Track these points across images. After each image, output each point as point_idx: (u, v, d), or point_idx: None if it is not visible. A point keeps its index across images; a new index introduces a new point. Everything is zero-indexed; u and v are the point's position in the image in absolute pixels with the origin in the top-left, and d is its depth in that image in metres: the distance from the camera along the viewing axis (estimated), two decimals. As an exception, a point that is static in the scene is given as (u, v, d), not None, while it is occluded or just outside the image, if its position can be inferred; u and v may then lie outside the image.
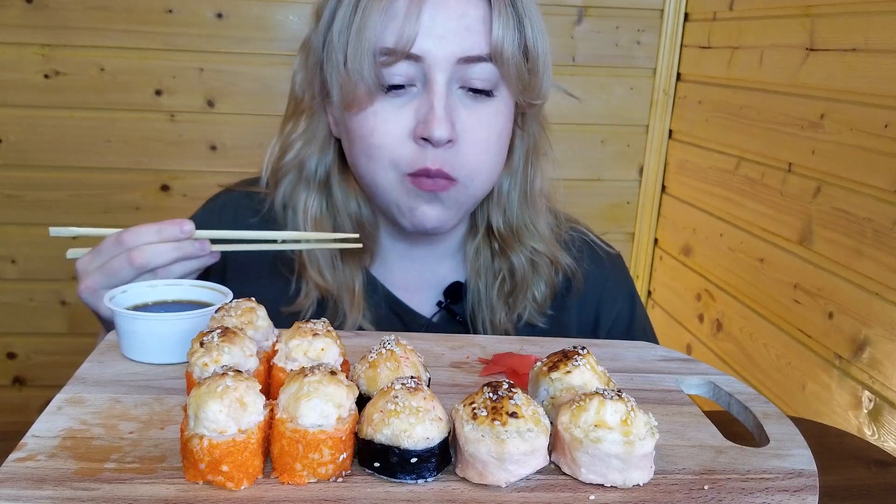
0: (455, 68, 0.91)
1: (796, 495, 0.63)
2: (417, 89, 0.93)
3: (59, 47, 1.99)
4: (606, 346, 0.94)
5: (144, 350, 0.80)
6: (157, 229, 0.90)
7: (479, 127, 0.94)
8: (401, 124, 0.93)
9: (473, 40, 0.91)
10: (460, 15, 0.90)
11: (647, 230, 2.37)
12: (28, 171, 2.06)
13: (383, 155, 0.94)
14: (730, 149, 1.93)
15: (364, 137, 0.94)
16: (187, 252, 0.91)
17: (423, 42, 0.89)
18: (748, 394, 0.82)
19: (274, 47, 2.05)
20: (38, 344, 2.19)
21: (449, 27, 0.90)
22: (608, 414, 0.62)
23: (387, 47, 0.90)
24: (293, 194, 1.04)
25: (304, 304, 1.03)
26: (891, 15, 1.38)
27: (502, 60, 0.92)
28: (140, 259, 0.88)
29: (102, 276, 0.90)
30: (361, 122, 0.94)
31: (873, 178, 1.41)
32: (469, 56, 0.91)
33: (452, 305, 1.09)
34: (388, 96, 0.93)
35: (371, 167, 0.96)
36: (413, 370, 0.70)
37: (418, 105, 0.93)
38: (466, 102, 0.94)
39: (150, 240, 0.90)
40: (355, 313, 1.03)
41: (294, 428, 0.60)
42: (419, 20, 0.89)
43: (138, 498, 0.57)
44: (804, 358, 1.61)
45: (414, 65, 0.91)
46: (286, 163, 1.04)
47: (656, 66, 2.24)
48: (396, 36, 0.89)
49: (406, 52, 0.89)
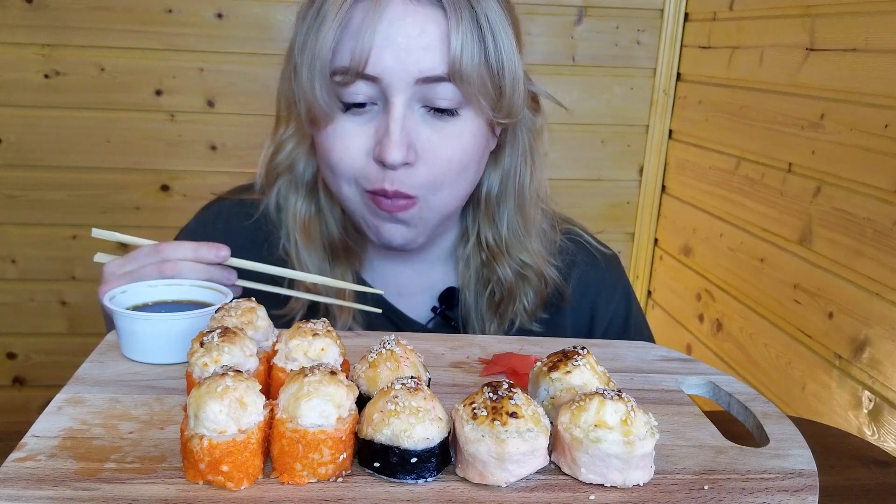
0: (415, 88, 0.88)
1: (796, 495, 0.63)
2: (378, 108, 0.90)
3: (59, 47, 1.99)
4: (606, 346, 0.94)
5: (144, 350, 0.80)
6: (194, 248, 0.91)
7: (441, 146, 0.91)
8: (360, 144, 0.91)
9: (432, 59, 0.87)
10: (419, 32, 0.86)
11: (647, 230, 2.37)
12: (28, 171, 2.06)
13: (342, 170, 0.93)
14: (730, 149, 1.93)
15: (326, 154, 0.93)
16: (215, 277, 0.92)
17: (378, 61, 0.86)
18: (748, 394, 0.82)
19: (274, 47, 2.05)
20: (38, 344, 2.19)
21: (405, 45, 0.86)
22: (608, 414, 0.62)
23: (341, 66, 0.87)
24: (285, 197, 1.04)
25: (294, 307, 1.03)
26: (891, 15, 1.38)
27: (462, 80, 0.88)
28: (171, 271, 0.89)
29: (129, 280, 0.89)
30: (323, 140, 0.93)
31: (873, 178, 1.41)
32: (428, 76, 0.87)
33: (447, 311, 1.08)
34: (349, 114, 0.91)
35: (335, 182, 0.95)
36: (413, 370, 0.70)
37: (377, 125, 0.90)
38: (429, 121, 0.91)
39: (186, 256, 0.90)
40: (345, 318, 1.03)
41: (294, 428, 0.60)
42: (373, 38, 0.85)
43: (138, 498, 0.57)
44: (804, 358, 1.61)
45: (372, 85, 0.88)
46: (277, 164, 1.04)
47: (656, 66, 2.24)
48: (350, 54, 0.86)
49: (360, 72, 0.87)
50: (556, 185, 1.17)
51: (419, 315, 1.08)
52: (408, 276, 1.09)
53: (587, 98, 2.23)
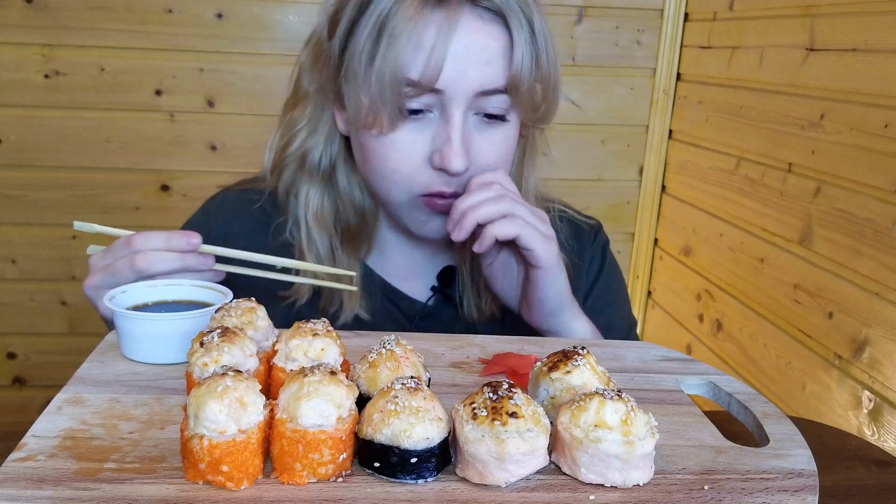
0: (472, 100, 0.93)
1: (796, 495, 0.63)
2: (434, 115, 0.94)
3: (59, 47, 1.99)
4: (606, 347, 0.94)
5: (144, 350, 0.80)
6: (166, 237, 0.90)
7: (492, 151, 0.97)
8: (418, 151, 0.95)
9: (492, 74, 0.92)
10: (482, 49, 0.91)
11: (647, 230, 2.37)
12: (28, 171, 2.06)
13: (398, 179, 0.96)
14: (730, 149, 1.93)
15: (381, 161, 0.96)
16: (190, 264, 0.91)
17: (446, 76, 0.91)
18: (748, 394, 0.82)
19: (274, 47, 2.05)
20: (38, 344, 2.19)
21: (470, 61, 0.91)
22: (608, 414, 0.62)
23: (412, 79, 0.90)
24: (294, 183, 1.05)
25: (300, 291, 1.05)
26: (891, 15, 1.38)
27: (518, 92, 0.94)
28: (141, 263, 0.88)
29: (105, 274, 0.90)
30: (377, 146, 0.95)
31: (873, 178, 1.41)
32: (487, 90, 0.93)
33: (446, 289, 1.11)
34: (407, 121, 0.94)
35: (385, 186, 0.98)
36: (413, 370, 0.70)
37: (435, 133, 0.94)
38: (480, 127, 0.96)
39: (157, 246, 0.89)
40: (353, 304, 1.05)
41: (294, 428, 0.60)
42: (445, 55, 0.89)
43: (138, 498, 0.57)
44: (804, 358, 1.61)
45: (432, 95, 0.92)
46: (289, 154, 1.05)
47: (656, 66, 2.24)
48: (422, 69, 0.90)
49: (431, 87, 0.91)
50: (557, 185, 1.18)
51: (419, 296, 1.11)
52: (412, 261, 1.12)
53: (587, 98, 2.23)
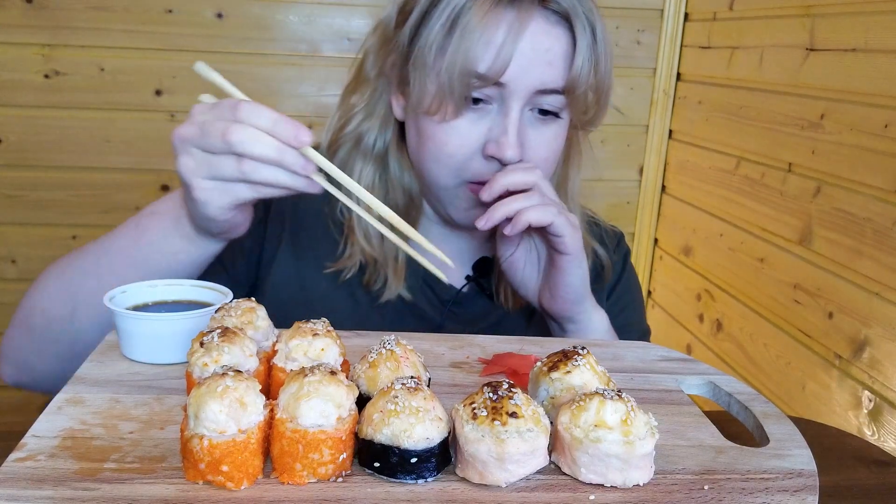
0: (531, 96, 0.98)
1: (796, 495, 0.63)
2: (493, 108, 0.99)
3: (59, 47, 1.99)
4: (606, 347, 0.94)
5: (144, 350, 0.80)
6: (274, 120, 0.79)
7: (542, 145, 1.01)
8: (473, 139, 0.99)
9: (553, 74, 0.97)
10: (546, 49, 0.96)
11: (647, 230, 2.37)
12: (28, 171, 2.06)
13: (451, 163, 1.00)
14: (730, 149, 1.93)
15: (438, 145, 1.00)
16: (287, 161, 0.80)
17: (510, 72, 0.95)
18: (748, 394, 0.82)
19: (274, 47, 2.05)
20: (38, 344, 2.19)
21: (534, 60, 0.95)
22: (608, 414, 0.62)
23: (480, 73, 0.95)
24: (348, 162, 1.08)
25: (347, 265, 1.08)
26: (891, 15, 1.38)
27: (574, 94, 0.99)
28: (236, 136, 0.78)
29: (198, 131, 0.80)
30: (436, 131, 0.99)
31: (873, 178, 1.41)
32: (546, 89, 0.97)
33: (480, 279, 1.14)
34: (468, 111, 0.98)
35: (436, 169, 1.02)
36: (413, 370, 0.70)
37: (492, 124, 0.99)
38: (534, 123, 1.01)
39: (261, 125, 0.79)
40: (398, 282, 1.08)
41: (294, 428, 0.60)
42: (513, 52, 0.94)
43: (138, 498, 0.57)
44: (804, 358, 1.61)
45: (496, 88, 0.96)
46: (345, 134, 1.09)
47: (656, 66, 2.24)
48: (490, 64, 0.94)
49: (496, 81, 0.95)
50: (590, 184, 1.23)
51: (454, 283, 1.13)
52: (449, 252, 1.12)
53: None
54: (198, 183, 0.82)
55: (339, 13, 2.07)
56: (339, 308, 1.08)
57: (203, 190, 0.82)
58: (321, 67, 2.10)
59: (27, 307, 0.98)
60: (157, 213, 0.94)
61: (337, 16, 2.07)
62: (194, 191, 0.82)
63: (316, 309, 0.95)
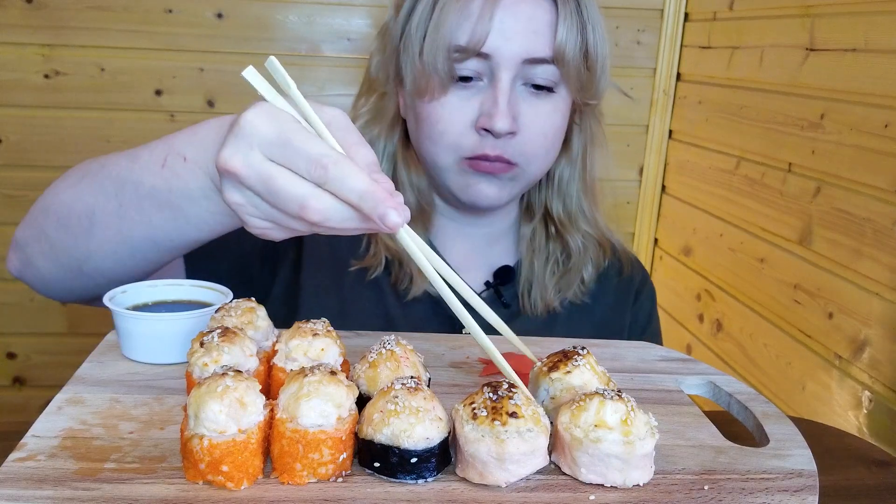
0: (520, 67, 0.98)
1: (796, 495, 0.63)
2: (484, 83, 1.00)
3: (59, 47, 1.99)
4: (606, 347, 0.94)
5: (144, 350, 0.80)
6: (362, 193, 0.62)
7: (538, 120, 1.02)
8: (465, 114, 1.00)
9: (539, 43, 0.98)
10: (528, 18, 0.97)
11: (647, 230, 2.37)
12: (28, 171, 2.06)
13: (446, 140, 1.02)
14: (730, 149, 1.93)
15: (431, 124, 1.02)
16: (371, 229, 0.65)
17: (492, 42, 0.97)
18: (748, 394, 0.82)
19: (274, 47, 2.05)
20: (38, 344, 2.19)
21: (517, 29, 0.97)
22: (608, 414, 0.62)
23: (460, 45, 0.97)
24: None
25: (371, 263, 1.09)
26: (891, 15, 1.38)
27: (564, 63, 0.99)
28: (316, 216, 0.64)
29: (261, 182, 0.64)
30: (429, 110, 1.01)
31: (873, 178, 1.41)
32: (534, 58, 0.98)
33: (500, 287, 1.14)
34: (456, 88, 1.00)
35: (433, 149, 1.04)
36: (413, 370, 0.70)
37: (483, 98, 1.00)
38: (528, 98, 1.01)
39: (350, 199, 0.62)
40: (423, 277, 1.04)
41: (294, 428, 0.60)
42: (491, 22, 0.96)
43: (138, 498, 0.57)
44: (804, 358, 1.61)
45: (482, 62, 0.98)
46: None
47: (656, 66, 2.24)
48: (469, 35, 0.96)
49: (476, 51, 0.97)
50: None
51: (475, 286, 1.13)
52: (468, 252, 1.15)
53: (587, 98, 2.23)
54: (252, 221, 0.69)
55: (339, 13, 2.07)
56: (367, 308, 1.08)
57: (257, 228, 0.70)
58: (321, 67, 2.10)
59: (43, 208, 0.89)
60: (191, 161, 0.77)
61: (337, 16, 2.07)
62: (246, 224, 0.71)
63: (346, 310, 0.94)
